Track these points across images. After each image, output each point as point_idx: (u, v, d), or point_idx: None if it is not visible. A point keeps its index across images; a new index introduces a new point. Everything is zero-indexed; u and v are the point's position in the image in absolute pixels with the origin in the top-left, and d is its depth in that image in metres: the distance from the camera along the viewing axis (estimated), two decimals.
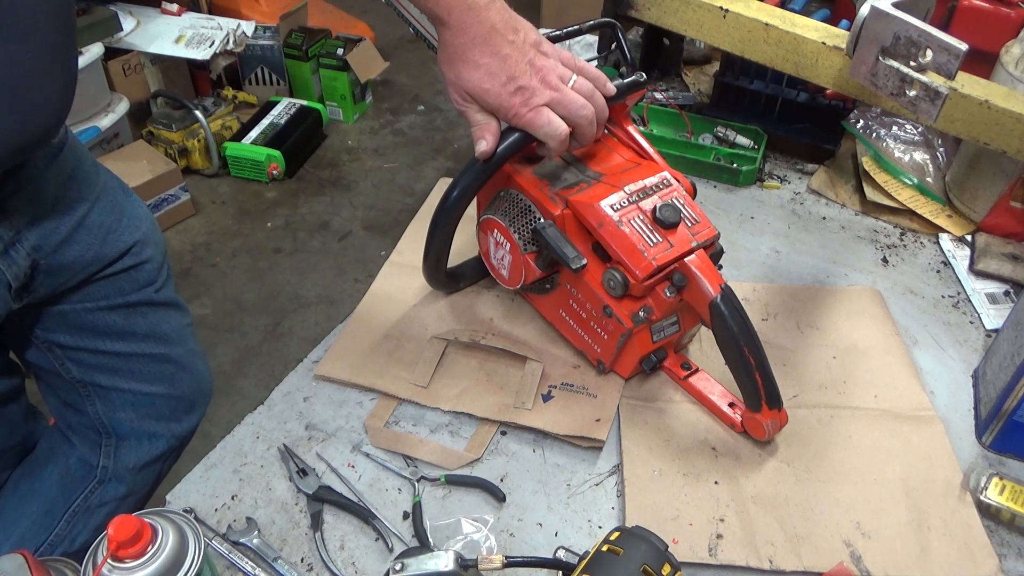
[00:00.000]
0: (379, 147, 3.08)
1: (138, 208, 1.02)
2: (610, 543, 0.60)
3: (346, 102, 3.13)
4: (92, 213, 0.93)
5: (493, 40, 0.73)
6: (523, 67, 0.74)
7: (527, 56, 0.75)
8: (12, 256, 0.84)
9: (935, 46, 0.86)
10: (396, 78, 3.37)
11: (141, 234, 1.00)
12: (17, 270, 0.85)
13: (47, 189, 0.87)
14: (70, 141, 0.93)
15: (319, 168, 2.96)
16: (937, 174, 1.19)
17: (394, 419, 0.86)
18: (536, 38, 0.77)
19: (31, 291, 0.89)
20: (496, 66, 0.74)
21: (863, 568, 0.73)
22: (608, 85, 0.82)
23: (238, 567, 0.72)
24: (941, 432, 0.84)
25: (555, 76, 0.76)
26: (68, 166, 0.90)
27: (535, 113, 0.75)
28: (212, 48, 2.73)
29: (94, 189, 0.94)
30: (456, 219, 0.84)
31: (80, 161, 0.93)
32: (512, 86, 0.74)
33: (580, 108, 0.77)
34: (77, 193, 0.91)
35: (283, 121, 2.90)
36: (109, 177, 1.00)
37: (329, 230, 2.68)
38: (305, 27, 3.16)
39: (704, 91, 1.39)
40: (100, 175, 0.97)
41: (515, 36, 0.74)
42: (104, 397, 1.02)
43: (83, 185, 0.92)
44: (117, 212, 0.98)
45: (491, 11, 0.73)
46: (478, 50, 0.73)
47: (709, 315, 0.78)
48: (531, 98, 0.75)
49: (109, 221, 0.95)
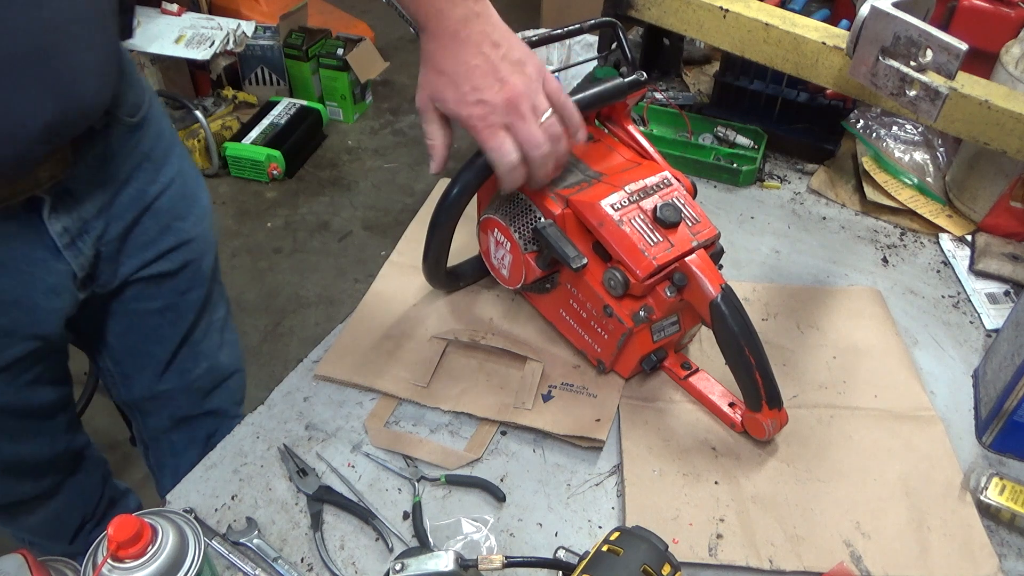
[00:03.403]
0: (379, 147, 3.08)
1: (206, 198, 0.99)
2: (610, 543, 0.60)
3: (346, 102, 3.14)
4: (163, 197, 0.90)
5: (464, 50, 0.72)
6: (489, 81, 0.72)
7: (499, 72, 0.72)
8: (79, 247, 0.82)
9: (935, 46, 0.86)
10: (396, 78, 3.36)
11: (204, 228, 0.98)
12: (83, 260, 0.84)
13: (120, 171, 0.84)
14: (151, 117, 0.89)
15: (319, 168, 2.96)
16: (937, 174, 1.19)
17: (394, 419, 0.86)
18: (520, 57, 0.73)
19: (95, 279, 0.88)
20: (461, 75, 0.72)
21: (863, 568, 0.73)
22: (580, 133, 0.78)
23: (238, 567, 0.72)
24: (941, 432, 0.84)
25: (527, 103, 0.73)
26: (146, 145, 0.87)
27: (490, 131, 0.73)
28: (212, 48, 2.73)
29: (170, 171, 0.90)
30: (456, 218, 0.84)
31: (159, 138, 0.89)
32: (473, 96, 0.72)
33: (535, 146, 0.74)
34: (151, 175, 0.88)
35: (283, 121, 2.90)
36: (185, 157, 0.96)
37: (329, 230, 2.68)
38: (305, 27, 3.16)
39: (704, 91, 1.39)
40: (178, 154, 0.93)
41: (492, 50, 0.72)
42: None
43: (159, 166, 0.89)
44: (190, 198, 0.95)
45: (470, 22, 0.72)
46: (447, 57, 0.72)
47: (709, 315, 0.78)
48: (489, 114, 0.72)
49: (179, 207, 0.92)
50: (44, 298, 0.83)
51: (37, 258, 0.80)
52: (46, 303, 0.83)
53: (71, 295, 0.85)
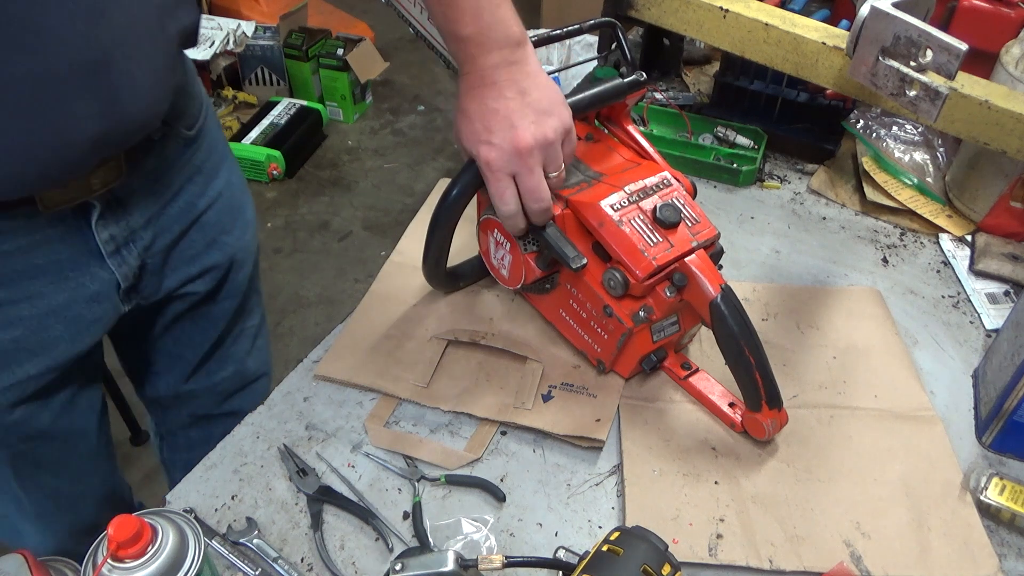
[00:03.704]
0: (379, 147, 3.08)
1: (251, 209, 0.99)
2: (610, 543, 0.61)
3: (346, 102, 3.14)
4: (210, 211, 0.89)
5: (487, 92, 0.74)
6: (503, 125, 0.73)
7: (515, 119, 0.73)
8: (124, 256, 0.82)
9: (935, 46, 0.86)
10: (396, 78, 3.36)
11: (247, 239, 0.97)
12: (127, 270, 0.83)
13: (172, 183, 0.84)
14: (207, 129, 0.88)
15: (319, 168, 2.96)
16: (937, 174, 1.19)
17: (394, 419, 0.86)
18: (546, 108, 0.73)
19: (139, 292, 0.87)
20: (477, 115, 0.74)
21: (863, 568, 0.73)
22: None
23: (238, 567, 0.72)
24: (941, 432, 0.84)
25: (537, 155, 0.74)
26: (199, 158, 0.87)
27: (495, 176, 0.75)
28: (212, 48, 2.73)
29: (219, 184, 0.90)
30: (455, 218, 0.84)
31: (211, 151, 0.89)
32: (484, 136, 0.73)
33: (536, 200, 0.76)
34: (201, 188, 0.88)
35: (283, 121, 2.90)
36: (234, 169, 0.96)
37: (329, 230, 2.68)
38: (305, 27, 3.16)
39: (704, 91, 1.39)
40: (228, 166, 0.93)
41: (516, 96, 0.73)
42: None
43: (209, 179, 0.88)
44: (236, 210, 0.94)
45: (501, 69, 0.73)
46: (472, 99, 0.75)
47: (709, 315, 0.78)
48: (497, 159, 0.74)
49: (225, 221, 0.92)
50: (86, 307, 0.82)
51: (81, 263, 0.80)
52: (88, 312, 0.82)
53: (113, 305, 0.84)
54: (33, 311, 0.78)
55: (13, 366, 0.80)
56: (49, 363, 0.82)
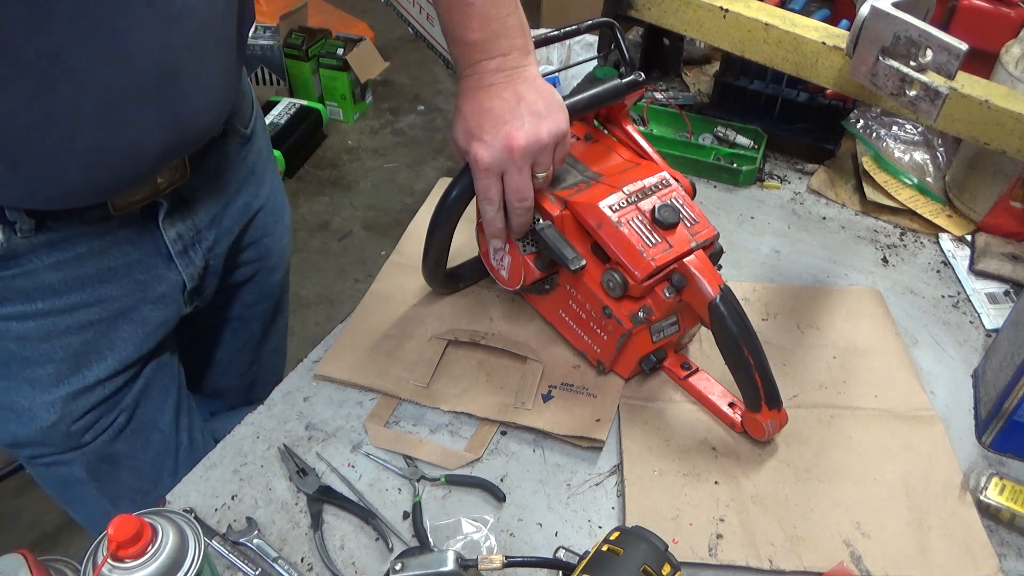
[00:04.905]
0: (379, 147, 3.08)
1: (288, 214, 1.00)
2: (610, 543, 0.61)
3: (346, 102, 3.13)
4: (261, 212, 0.90)
5: (484, 94, 0.74)
6: (495, 125, 0.73)
7: (507, 119, 0.73)
8: (191, 256, 0.83)
9: (935, 46, 0.86)
10: (396, 78, 3.36)
11: (284, 244, 0.98)
12: (193, 271, 0.84)
13: (231, 182, 0.85)
14: (258, 129, 0.89)
15: (319, 168, 2.96)
16: (937, 174, 1.19)
17: (394, 419, 0.86)
18: (540, 111, 0.73)
19: (200, 293, 0.88)
20: (472, 114, 0.74)
21: (863, 568, 0.73)
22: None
23: (238, 567, 0.72)
24: (941, 432, 0.84)
25: (527, 156, 0.74)
26: (252, 158, 0.88)
27: (482, 173, 0.75)
28: None
29: (267, 186, 0.91)
30: (455, 219, 0.84)
31: (260, 153, 0.90)
32: (477, 133, 0.74)
33: (519, 198, 0.76)
34: (255, 189, 0.89)
35: (283, 121, 2.90)
36: (276, 173, 0.97)
37: (329, 230, 2.68)
38: (305, 27, 3.16)
39: (704, 91, 1.39)
40: (272, 169, 0.94)
41: (511, 98, 0.73)
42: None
43: (260, 180, 0.89)
44: (277, 213, 0.95)
45: (498, 73, 0.74)
46: (469, 100, 0.75)
47: (708, 316, 0.78)
48: (485, 156, 0.74)
49: (268, 223, 0.93)
50: (152, 309, 0.83)
51: (150, 264, 0.81)
52: (153, 315, 0.84)
53: (177, 307, 0.85)
54: (104, 314, 0.80)
55: (83, 369, 0.81)
56: (116, 366, 0.83)
